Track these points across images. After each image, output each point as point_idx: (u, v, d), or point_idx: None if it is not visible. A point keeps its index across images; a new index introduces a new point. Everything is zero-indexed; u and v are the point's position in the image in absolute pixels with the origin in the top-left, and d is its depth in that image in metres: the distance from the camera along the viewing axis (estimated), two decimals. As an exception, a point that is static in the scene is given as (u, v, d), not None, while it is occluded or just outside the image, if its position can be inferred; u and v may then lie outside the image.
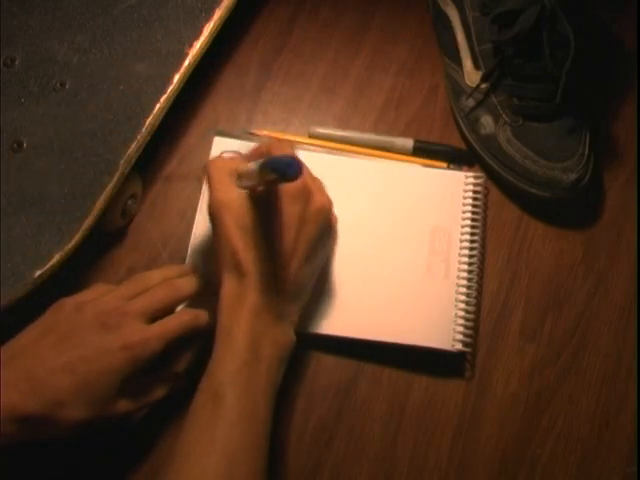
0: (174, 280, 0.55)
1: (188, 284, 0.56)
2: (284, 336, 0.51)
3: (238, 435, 0.46)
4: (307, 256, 0.52)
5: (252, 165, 0.49)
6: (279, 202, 0.50)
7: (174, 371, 0.57)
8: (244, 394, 0.47)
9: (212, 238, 0.53)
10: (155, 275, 0.56)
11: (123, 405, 0.50)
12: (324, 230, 0.55)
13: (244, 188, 0.51)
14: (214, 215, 0.51)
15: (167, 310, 0.54)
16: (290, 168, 0.44)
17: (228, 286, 0.50)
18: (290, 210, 0.51)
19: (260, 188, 0.50)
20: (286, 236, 0.50)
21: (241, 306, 0.49)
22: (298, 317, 0.53)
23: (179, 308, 0.56)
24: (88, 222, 0.56)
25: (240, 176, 0.52)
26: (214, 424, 0.46)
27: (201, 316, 0.55)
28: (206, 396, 0.48)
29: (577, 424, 0.58)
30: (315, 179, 0.55)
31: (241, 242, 0.50)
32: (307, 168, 0.55)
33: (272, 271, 0.50)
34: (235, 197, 0.50)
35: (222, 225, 0.50)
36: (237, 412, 0.47)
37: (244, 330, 0.49)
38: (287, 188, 0.50)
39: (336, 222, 0.60)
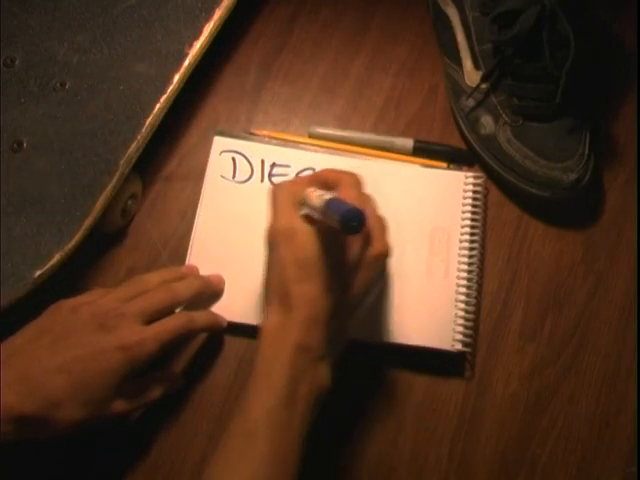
0: (172, 283, 0.55)
1: (186, 287, 0.55)
2: (322, 377, 0.49)
3: (267, 476, 0.45)
4: (356, 302, 0.52)
5: (317, 200, 0.47)
6: (339, 241, 0.49)
7: (170, 372, 0.57)
8: (278, 434, 0.46)
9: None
10: (153, 278, 0.56)
11: (119, 405, 0.50)
12: (376, 277, 0.53)
13: (306, 215, 0.49)
14: (272, 243, 0.50)
15: (165, 312, 0.53)
16: (353, 222, 0.43)
17: (273, 318, 0.49)
18: (348, 252, 0.49)
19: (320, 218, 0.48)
20: (340, 278, 0.49)
21: (284, 341, 0.47)
22: (336, 358, 0.51)
23: (177, 310, 0.56)
24: (88, 222, 0.56)
25: (303, 203, 0.50)
26: (244, 462, 0.45)
27: (198, 319, 0.55)
28: (239, 431, 0.46)
29: (577, 424, 0.58)
30: (379, 220, 0.52)
31: (294, 274, 0.48)
32: (374, 206, 0.52)
33: (320, 310, 0.48)
34: (296, 228, 0.48)
35: (278, 254, 0.49)
36: (268, 452, 0.45)
37: (285, 367, 0.46)
38: None
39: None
